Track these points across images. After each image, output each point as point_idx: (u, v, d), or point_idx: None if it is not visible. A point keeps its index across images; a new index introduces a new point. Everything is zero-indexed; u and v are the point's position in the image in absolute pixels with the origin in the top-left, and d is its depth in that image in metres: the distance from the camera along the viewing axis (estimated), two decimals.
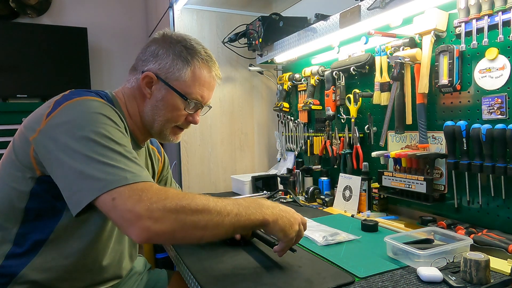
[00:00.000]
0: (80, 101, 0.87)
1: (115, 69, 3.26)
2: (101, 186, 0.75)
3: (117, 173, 0.76)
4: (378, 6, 1.22)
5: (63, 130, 0.81)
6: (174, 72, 1.00)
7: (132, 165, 0.80)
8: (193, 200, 0.78)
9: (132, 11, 3.35)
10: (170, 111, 1.02)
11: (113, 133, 0.83)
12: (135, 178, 0.77)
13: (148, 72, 1.00)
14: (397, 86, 1.37)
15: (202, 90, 1.04)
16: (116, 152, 0.80)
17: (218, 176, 2.26)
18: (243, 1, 2.17)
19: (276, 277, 0.91)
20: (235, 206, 0.83)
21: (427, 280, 0.86)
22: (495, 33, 1.09)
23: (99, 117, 0.84)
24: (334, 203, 1.67)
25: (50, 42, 2.89)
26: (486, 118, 1.14)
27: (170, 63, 1.00)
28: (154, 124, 1.04)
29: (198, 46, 1.04)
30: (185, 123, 1.08)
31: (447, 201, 1.29)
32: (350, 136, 1.69)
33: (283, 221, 0.89)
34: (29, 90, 2.83)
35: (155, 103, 1.02)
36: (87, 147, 0.78)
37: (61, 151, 0.80)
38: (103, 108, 0.87)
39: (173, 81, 1.00)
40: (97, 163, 0.77)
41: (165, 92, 1.01)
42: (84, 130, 0.80)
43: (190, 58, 1.01)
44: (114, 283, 1.08)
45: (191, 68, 1.01)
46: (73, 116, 0.83)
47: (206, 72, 1.04)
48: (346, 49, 1.70)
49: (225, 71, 2.25)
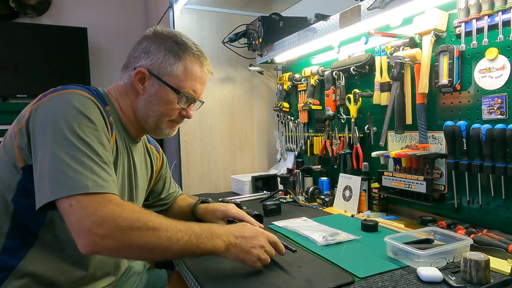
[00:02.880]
0: (64, 94, 0.88)
1: (115, 69, 3.26)
2: (62, 190, 0.76)
3: (80, 179, 0.77)
4: (378, 6, 1.22)
5: (41, 123, 0.84)
6: (166, 67, 1.01)
7: (99, 171, 0.81)
8: (146, 222, 0.80)
9: (132, 11, 3.35)
10: (164, 105, 1.03)
11: (88, 134, 0.84)
12: (97, 188, 0.78)
13: (141, 68, 1.01)
14: (397, 86, 1.37)
15: (194, 85, 1.05)
16: (86, 155, 0.81)
17: (218, 176, 2.26)
18: (243, 1, 2.17)
19: (276, 277, 0.91)
20: (187, 233, 0.84)
21: (427, 280, 0.86)
22: (495, 33, 1.09)
23: (78, 115, 0.84)
24: (334, 203, 1.67)
25: (50, 42, 2.89)
26: (486, 118, 1.14)
27: (162, 58, 1.01)
28: (148, 120, 1.05)
29: (189, 42, 1.06)
30: (179, 117, 1.08)
31: (447, 201, 1.29)
32: (350, 136, 1.69)
33: (237, 249, 0.90)
34: (29, 90, 2.83)
35: (148, 98, 1.03)
36: (59, 146, 0.80)
37: (36, 144, 0.83)
38: (85, 104, 0.87)
39: (166, 76, 1.01)
40: (63, 165, 0.78)
41: (158, 87, 1.02)
42: (60, 127, 0.81)
43: (181, 53, 1.02)
44: (113, 280, 1.08)
45: (183, 63, 1.02)
46: (53, 109, 0.85)
47: (197, 66, 1.05)
48: (346, 49, 1.70)
49: (225, 71, 2.25)
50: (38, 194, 0.80)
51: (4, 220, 0.90)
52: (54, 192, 0.77)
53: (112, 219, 0.77)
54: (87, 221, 0.75)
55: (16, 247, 0.90)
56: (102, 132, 0.88)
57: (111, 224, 0.76)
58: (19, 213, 0.89)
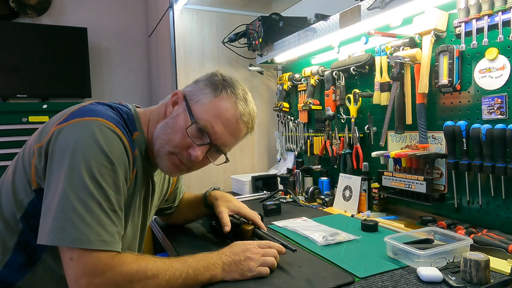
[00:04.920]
0: (89, 122, 0.82)
1: (115, 69, 3.26)
2: (63, 238, 0.74)
3: (84, 231, 0.74)
4: (378, 6, 1.22)
5: (60, 151, 0.80)
6: (199, 95, 0.95)
7: (107, 222, 0.78)
8: (145, 272, 0.79)
9: (132, 11, 3.35)
10: (175, 132, 0.93)
11: (105, 176, 0.79)
12: (100, 245, 0.75)
13: (178, 91, 0.97)
14: (397, 86, 1.37)
15: (216, 122, 0.92)
16: (97, 201, 0.77)
17: (218, 176, 2.26)
18: (243, 1, 2.17)
19: (276, 277, 0.91)
20: (184, 270, 0.84)
21: (427, 280, 0.86)
22: (495, 33, 1.09)
23: (98, 153, 0.80)
24: (334, 203, 1.67)
25: (50, 42, 2.89)
26: (486, 118, 1.14)
27: (201, 87, 0.96)
28: (156, 143, 0.95)
29: (239, 88, 0.98)
30: (183, 151, 0.93)
31: (447, 201, 1.29)
32: (350, 136, 1.69)
33: (232, 266, 0.89)
34: (29, 90, 2.83)
35: (168, 120, 0.95)
36: (71, 184, 0.76)
37: (52, 175, 0.79)
38: (108, 139, 0.82)
39: (193, 103, 0.94)
40: (71, 209, 0.75)
41: (181, 111, 0.94)
42: (77, 163, 0.77)
43: (220, 87, 0.94)
44: None
45: (215, 96, 0.94)
46: (75, 139, 0.80)
47: (230, 105, 0.94)
48: (346, 49, 1.70)
49: (225, 71, 2.22)
50: (41, 229, 0.77)
51: (12, 235, 0.87)
52: (56, 237, 0.74)
53: (111, 279, 0.75)
54: (84, 281, 0.74)
55: (19, 263, 0.88)
56: (120, 173, 0.83)
57: (109, 283, 0.75)
58: (26, 232, 0.86)
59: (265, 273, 0.90)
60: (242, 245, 0.95)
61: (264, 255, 0.93)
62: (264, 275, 0.90)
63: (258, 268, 0.90)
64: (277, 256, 0.95)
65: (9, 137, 2.49)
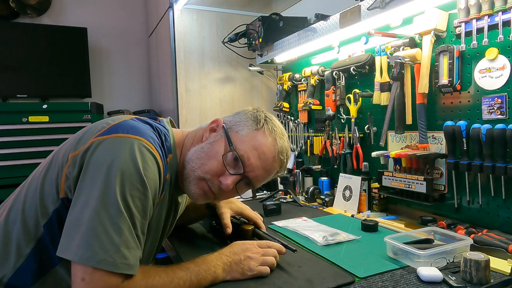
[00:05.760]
0: (130, 140, 0.80)
1: (115, 69, 3.26)
2: (90, 256, 0.72)
3: (112, 253, 0.72)
4: (378, 6, 1.22)
5: (96, 166, 0.78)
6: (240, 125, 0.95)
7: (133, 246, 0.76)
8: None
9: (132, 11, 3.35)
10: (209, 157, 0.92)
11: (135, 200, 0.78)
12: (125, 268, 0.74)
13: (219, 119, 0.97)
14: (397, 86, 1.37)
15: (253, 154, 0.92)
16: (126, 223, 0.76)
17: None
18: (243, 1, 2.17)
19: (276, 277, 0.91)
20: (188, 277, 0.83)
21: (427, 280, 0.86)
22: (495, 33, 1.09)
23: (134, 175, 0.78)
24: (334, 203, 1.67)
25: (50, 42, 2.89)
26: (486, 118, 1.14)
27: (243, 120, 0.97)
28: (187, 166, 0.94)
29: (279, 126, 0.99)
30: (214, 178, 0.93)
31: (447, 201, 1.29)
32: (350, 136, 1.69)
33: (232, 265, 0.89)
34: (29, 90, 2.83)
35: (203, 145, 0.95)
36: (104, 203, 0.75)
37: (83, 188, 0.77)
38: (145, 162, 0.80)
39: (233, 133, 0.94)
40: (100, 227, 0.73)
41: (218, 138, 0.94)
42: (112, 182, 0.75)
43: (263, 122, 0.95)
44: None
45: (256, 128, 0.94)
46: (113, 157, 0.78)
47: (269, 141, 0.94)
48: (346, 49, 1.70)
49: (225, 71, 2.25)
50: (64, 241, 0.75)
51: (29, 241, 0.84)
52: (83, 255, 0.72)
53: None
54: None
55: (31, 270, 0.85)
56: (150, 198, 0.81)
57: None
58: (45, 240, 0.84)
59: (265, 273, 0.90)
60: (241, 244, 0.95)
61: (264, 255, 0.93)
62: (265, 275, 0.90)
63: (259, 267, 0.90)
64: (277, 256, 0.95)
65: (9, 137, 2.49)
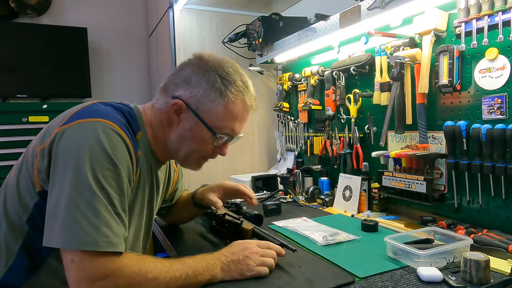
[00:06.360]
0: (93, 124, 0.82)
1: (115, 69, 3.26)
2: (70, 240, 0.74)
3: (91, 233, 0.74)
4: (378, 6, 1.22)
5: (64, 154, 0.79)
6: (206, 103, 0.94)
7: (113, 224, 0.78)
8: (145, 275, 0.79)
9: (132, 11, 3.35)
10: (197, 143, 0.98)
11: (109, 179, 0.80)
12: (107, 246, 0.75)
13: (178, 101, 0.95)
14: (397, 86, 1.37)
15: (233, 124, 0.98)
16: (103, 204, 0.77)
17: (218, 176, 2.26)
18: (243, 1, 2.17)
19: (276, 277, 0.90)
20: (184, 270, 0.84)
21: (427, 280, 0.86)
22: (495, 33, 1.09)
23: (102, 156, 0.79)
24: (334, 203, 1.67)
25: (50, 42, 2.89)
26: (486, 118, 1.14)
27: (202, 93, 0.94)
28: (179, 152, 1.00)
29: (235, 74, 0.98)
30: (212, 154, 1.03)
31: (447, 201, 1.29)
32: (350, 136, 1.69)
33: (231, 265, 0.89)
34: (29, 90, 2.83)
35: (182, 132, 0.97)
36: (77, 189, 0.76)
37: (56, 178, 0.79)
38: (112, 142, 0.82)
39: (204, 113, 0.95)
40: (78, 211, 0.75)
41: (194, 123, 0.96)
42: (82, 166, 0.77)
43: (224, 89, 0.95)
44: None
45: (224, 101, 0.94)
46: (79, 142, 0.79)
47: (240, 105, 0.97)
48: (346, 49, 1.70)
49: None
50: (46, 231, 0.77)
51: (17, 239, 0.87)
52: (65, 240, 0.74)
53: (111, 283, 0.75)
54: (84, 285, 0.74)
55: (24, 267, 0.87)
56: (123, 175, 0.83)
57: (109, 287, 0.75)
58: (31, 235, 0.86)
59: (264, 273, 0.90)
60: (241, 244, 0.95)
61: (263, 256, 0.93)
62: (263, 275, 0.90)
63: (257, 267, 0.90)
64: (275, 258, 0.95)
65: (9, 137, 2.49)
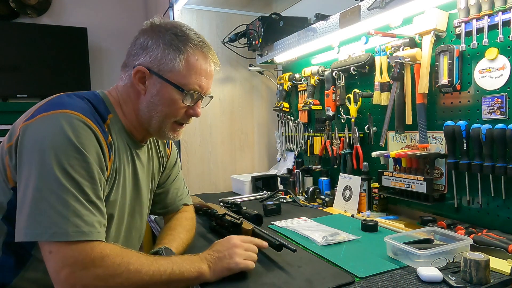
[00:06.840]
0: (56, 116, 0.81)
1: (115, 69, 3.26)
2: (40, 233, 0.73)
3: (61, 225, 0.73)
4: (378, 6, 1.22)
5: (28, 149, 0.79)
6: (167, 63, 0.93)
7: (84, 213, 0.77)
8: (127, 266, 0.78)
9: (132, 11, 3.35)
10: (168, 106, 0.96)
11: (77, 168, 0.78)
12: (78, 235, 0.74)
13: (140, 67, 0.94)
14: (397, 86, 1.37)
15: (200, 79, 0.97)
16: (71, 194, 0.76)
17: (218, 176, 2.26)
18: (243, 1, 2.17)
19: (276, 277, 0.91)
20: (169, 266, 0.83)
21: (427, 280, 0.86)
22: (495, 33, 1.09)
23: (67, 146, 0.78)
24: (334, 203, 1.67)
25: (50, 42, 2.89)
26: (486, 118, 1.14)
27: (161, 53, 0.93)
28: (151, 121, 0.98)
29: (190, 32, 0.97)
30: (185, 117, 1.01)
31: (447, 201, 1.29)
32: (350, 136, 1.69)
33: (217, 262, 0.89)
34: (29, 90, 2.84)
35: (150, 99, 0.96)
36: (43, 180, 0.75)
37: (22, 172, 0.78)
38: (77, 131, 0.80)
39: (167, 73, 0.93)
40: (45, 203, 0.74)
41: (160, 85, 0.94)
42: (47, 158, 0.76)
43: (182, 46, 0.94)
44: None
45: (184, 57, 0.94)
46: (42, 135, 0.79)
47: (201, 59, 0.97)
48: (346, 49, 1.70)
49: (225, 71, 2.25)
50: (17, 226, 0.76)
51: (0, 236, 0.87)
52: (33, 233, 0.74)
53: (92, 272, 0.74)
54: (63, 274, 0.73)
55: (10, 264, 0.87)
56: (92, 162, 0.82)
57: (90, 276, 0.74)
58: (11, 232, 0.83)
59: (251, 267, 0.91)
60: (224, 241, 0.95)
61: (247, 250, 0.94)
62: (251, 268, 0.91)
63: (245, 261, 0.91)
64: (256, 251, 0.96)
65: None
